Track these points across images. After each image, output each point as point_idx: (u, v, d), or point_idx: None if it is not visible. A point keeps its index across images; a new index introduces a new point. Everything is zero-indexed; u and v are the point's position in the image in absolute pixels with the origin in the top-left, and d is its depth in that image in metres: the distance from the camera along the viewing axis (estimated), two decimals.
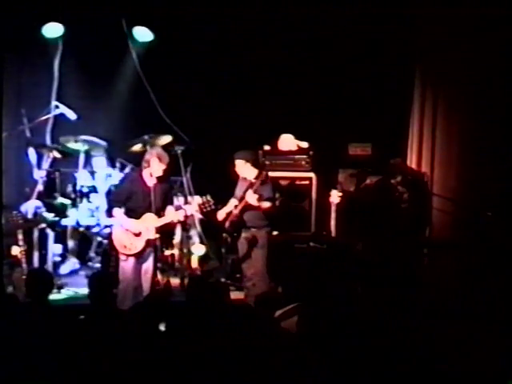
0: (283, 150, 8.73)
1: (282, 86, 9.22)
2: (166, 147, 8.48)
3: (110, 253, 7.87)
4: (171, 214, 7.42)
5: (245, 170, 7.69)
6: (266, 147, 8.73)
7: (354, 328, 5.20)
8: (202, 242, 8.62)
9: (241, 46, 9.15)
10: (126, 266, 7.29)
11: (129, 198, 7.42)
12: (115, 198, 7.61)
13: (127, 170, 8.75)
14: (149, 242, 7.36)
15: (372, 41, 8.92)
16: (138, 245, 7.33)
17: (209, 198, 7.43)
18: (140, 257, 7.35)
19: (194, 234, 8.62)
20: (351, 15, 8.73)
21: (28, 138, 8.85)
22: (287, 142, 8.78)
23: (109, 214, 7.70)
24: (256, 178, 7.63)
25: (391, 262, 7.57)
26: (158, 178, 7.43)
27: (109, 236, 7.87)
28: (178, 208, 7.69)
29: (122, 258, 7.36)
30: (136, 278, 7.30)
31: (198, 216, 8.46)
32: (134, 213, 7.38)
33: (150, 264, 7.38)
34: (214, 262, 8.79)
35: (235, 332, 5.01)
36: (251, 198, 7.51)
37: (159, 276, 7.73)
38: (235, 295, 7.50)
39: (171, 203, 7.55)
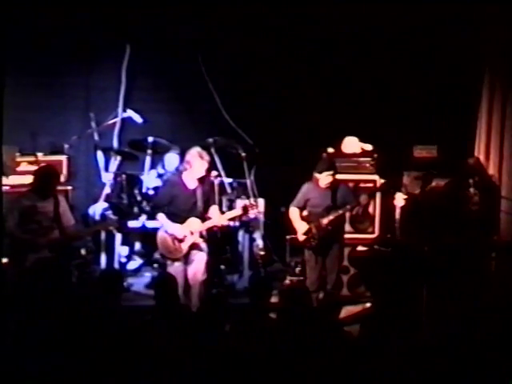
0: (347, 152, 8.70)
1: (346, 88, 9.22)
2: (229, 149, 8.67)
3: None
4: (216, 218, 7.40)
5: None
6: (330, 150, 8.70)
7: (419, 332, 5.16)
8: (265, 245, 8.64)
9: (304, 48, 9.16)
10: (173, 269, 7.28)
11: (171, 203, 7.41)
12: (157, 203, 7.61)
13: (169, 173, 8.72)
14: (193, 246, 7.38)
15: (439, 41, 8.88)
16: (183, 249, 7.36)
17: (253, 201, 7.41)
18: (185, 261, 7.37)
19: (258, 236, 8.65)
20: (416, 15, 8.70)
21: (96, 141, 8.99)
22: (351, 144, 8.74)
23: (152, 218, 7.72)
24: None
25: (459, 266, 7.52)
26: (200, 180, 7.42)
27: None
28: (245, 207, 7.65)
29: (168, 262, 7.39)
30: (184, 282, 7.29)
31: (261, 218, 8.53)
32: (176, 217, 7.38)
33: (196, 267, 7.38)
34: (277, 264, 8.83)
35: (297, 334, 5.09)
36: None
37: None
38: None
39: (214, 203, 7.52)
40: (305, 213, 7.66)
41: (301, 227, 7.58)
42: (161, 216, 7.43)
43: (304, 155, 8.73)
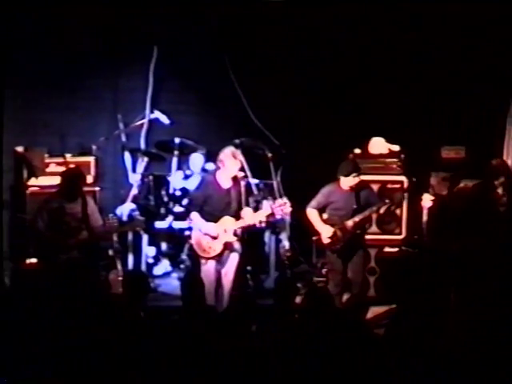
0: (374, 153, 8.68)
1: (372, 89, 9.19)
2: (256, 150, 8.69)
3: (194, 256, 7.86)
4: (249, 217, 7.40)
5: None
6: (357, 150, 8.70)
7: (446, 334, 5.12)
8: (292, 246, 8.62)
9: (330, 48, 9.13)
10: (207, 269, 7.32)
11: (205, 202, 7.43)
12: (192, 202, 7.64)
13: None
14: (227, 245, 7.39)
15: (469, 41, 8.83)
16: (217, 248, 7.37)
17: (284, 200, 7.42)
18: (219, 259, 7.39)
19: (284, 237, 8.65)
20: (445, 16, 8.71)
21: (124, 142, 9.06)
22: (378, 145, 8.72)
23: (187, 218, 7.76)
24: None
25: (486, 268, 7.41)
26: (233, 180, 7.43)
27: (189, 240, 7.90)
28: (277, 207, 7.61)
29: (202, 261, 7.40)
30: (217, 281, 7.34)
31: (287, 220, 8.49)
32: (211, 216, 7.40)
33: (230, 266, 7.40)
34: (304, 265, 8.83)
35: (325, 334, 5.15)
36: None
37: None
38: None
39: (247, 204, 7.53)
40: (324, 215, 7.61)
41: (325, 230, 7.53)
42: (194, 215, 7.45)
43: (330, 156, 8.67)
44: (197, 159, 8.82)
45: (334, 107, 9.14)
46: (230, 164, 7.40)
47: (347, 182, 7.50)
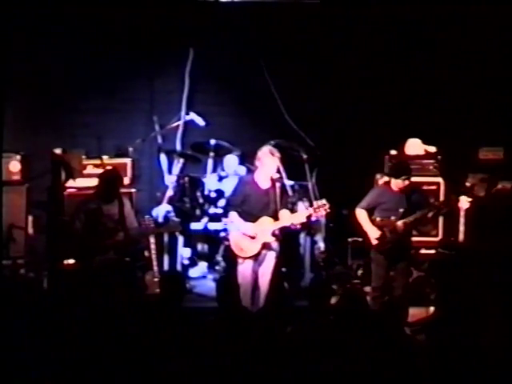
0: (410, 154, 8.63)
1: (410, 89, 9.16)
2: (291, 152, 8.66)
3: (229, 257, 7.93)
4: (287, 218, 7.37)
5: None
6: (393, 152, 8.65)
7: (485, 336, 5.18)
8: (327, 247, 8.65)
9: (368, 50, 9.15)
10: (244, 269, 7.33)
11: (244, 202, 7.44)
12: (230, 202, 7.65)
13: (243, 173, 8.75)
14: (264, 245, 7.39)
15: (506, 41, 8.83)
16: (254, 248, 7.37)
17: (324, 201, 7.40)
18: (256, 259, 7.39)
19: (320, 239, 8.66)
20: (486, 16, 8.72)
21: (160, 144, 9.15)
22: (414, 146, 8.68)
23: (225, 217, 7.78)
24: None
25: None
26: (272, 180, 7.43)
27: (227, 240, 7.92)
28: (316, 208, 7.61)
29: (240, 261, 7.40)
30: (254, 281, 7.34)
31: (323, 221, 8.52)
32: (249, 216, 7.41)
33: (267, 267, 7.40)
34: (339, 267, 8.79)
35: (361, 336, 5.15)
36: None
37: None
38: None
39: (286, 206, 7.49)
40: (374, 216, 7.56)
41: (373, 231, 7.48)
42: (233, 214, 7.46)
43: (366, 157, 8.80)
44: (231, 161, 8.85)
45: (370, 108, 9.16)
46: (269, 162, 7.38)
47: (397, 183, 7.45)
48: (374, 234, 7.48)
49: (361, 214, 7.56)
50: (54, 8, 8.72)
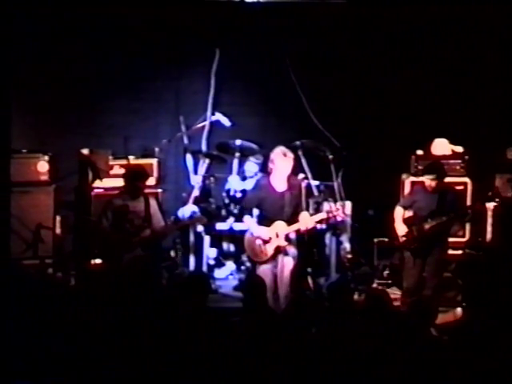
0: (437, 154, 8.58)
1: (436, 88, 9.13)
2: (317, 152, 8.66)
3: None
4: (303, 221, 7.34)
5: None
6: (419, 152, 8.62)
7: None
8: (352, 248, 8.61)
9: (395, 50, 9.13)
10: (262, 272, 7.28)
11: (259, 205, 7.45)
12: (245, 205, 7.65)
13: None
14: (279, 249, 7.36)
15: None
16: (268, 252, 7.36)
17: (338, 205, 7.42)
18: (273, 263, 7.36)
19: (345, 239, 8.63)
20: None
21: (186, 144, 9.16)
22: (441, 146, 8.65)
23: (240, 221, 7.78)
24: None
25: None
26: (289, 183, 7.41)
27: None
28: (329, 212, 7.68)
29: (257, 265, 7.42)
30: (274, 284, 7.30)
31: (348, 221, 8.51)
32: (264, 219, 7.41)
33: (285, 270, 7.35)
34: (365, 267, 8.79)
35: (382, 337, 5.20)
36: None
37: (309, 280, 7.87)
38: None
39: (307, 207, 7.49)
40: (409, 213, 7.59)
41: (400, 228, 7.51)
42: (247, 218, 7.49)
43: (392, 157, 8.77)
44: (250, 167, 8.81)
45: (396, 108, 9.13)
46: (281, 163, 7.36)
47: (426, 182, 7.48)
48: (400, 231, 7.49)
49: (397, 212, 7.58)
50: (81, 5, 8.78)
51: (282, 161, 7.36)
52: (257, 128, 9.40)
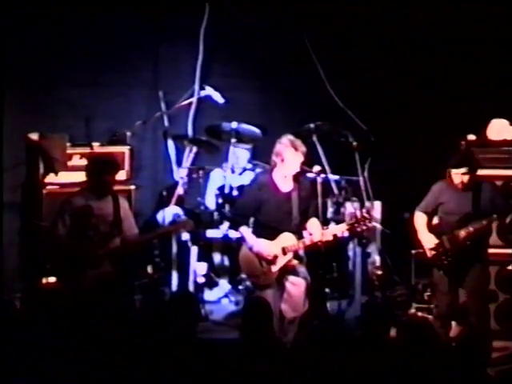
0: (494, 139, 8.51)
1: (491, 58, 9.19)
2: (336, 138, 8.64)
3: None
4: (317, 233, 7.30)
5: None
6: (471, 137, 8.52)
7: None
8: (383, 261, 8.67)
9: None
10: (264, 294, 7.24)
11: (258, 210, 7.41)
12: (240, 210, 7.55)
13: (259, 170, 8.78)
14: (287, 269, 7.34)
15: None
16: (272, 273, 7.33)
17: (365, 213, 7.41)
18: (278, 287, 7.35)
19: (374, 250, 8.72)
20: None
21: (166, 127, 9.18)
22: (500, 129, 8.57)
23: (234, 231, 7.82)
24: None
25: None
26: (296, 180, 7.41)
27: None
28: (351, 215, 7.72)
29: (257, 290, 7.41)
30: (277, 313, 7.24)
31: (378, 227, 8.61)
32: (265, 229, 7.38)
33: (294, 297, 7.35)
34: (400, 287, 8.79)
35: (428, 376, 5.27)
36: None
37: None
38: None
39: (314, 214, 7.47)
40: (435, 220, 7.59)
41: (428, 240, 7.51)
42: (244, 230, 7.41)
43: (435, 144, 8.79)
44: (241, 155, 8.92)
45: (440, 81, 9.24)
46: (291, 157, 7.34)
47: (457, 177, 7.46)
48: (428, 243, 7.51)
49: (418, 219, 7.60)
50: None
51: (291, 155, 7.34)
52: (258, 106, 9.45)
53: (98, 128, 9.05)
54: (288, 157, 7.33)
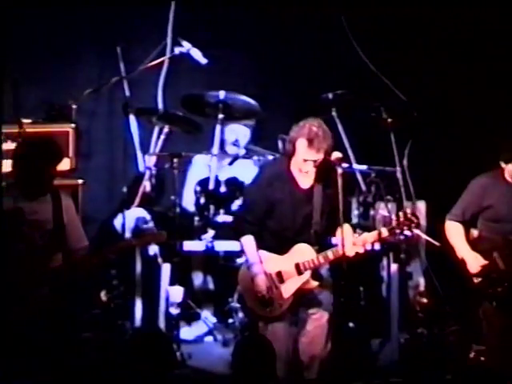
0: None
1: None
2: (363, 112, 8.74)
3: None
4: (349, 245, 7.20)
5: None
6: None
7: None
8: (430, 285, 8.69)
9: None
10: (271, 336, 7.16)
11: (269, 213, 7.39)
12: (247, 214, 7.54)
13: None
14: (302, 293, 7.31)
15: None
16: (283, 300, 7.34)
17: (410, 214, 7.28)
18: (292, 320, 7.39)
19: (417, 269, 8.77)
20: None
21: (127, 98, 9.08)
22: None
23: (229, 238, 8.09)
24: None
25: None
26: (320, 174, 7.29)
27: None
28: (386, 220, 7.92)
29: (260, 323, 7.43)
30: (287, 354, 7.34)
31: (423, 237, 8.60)
32: (275, 239, 7.43)
33: (314, 333, 7.39)
34: (453, 322, 8.66)
35: None
36: None
37: None
38: None
39: (345, 219, 7.32)
40: (476, 232, 7.81)
41: (471, 260, 7.71)
42: (247, 241, 7.36)
43: (492, 132, 8.82)
44: (239, 132, 9.11)
45: (496, 49, 9.50)
46: (302, 152, 7.29)
47: (508, 174, 7.75)
48: (473, 264, 7.64)
49: (451, 229, 7.81)
50: None
51: (303, 149, 7.24)
52: (254, 70, 9.63)
53: (29, 98, 9.03)
54: (299, 150, 7.29)
